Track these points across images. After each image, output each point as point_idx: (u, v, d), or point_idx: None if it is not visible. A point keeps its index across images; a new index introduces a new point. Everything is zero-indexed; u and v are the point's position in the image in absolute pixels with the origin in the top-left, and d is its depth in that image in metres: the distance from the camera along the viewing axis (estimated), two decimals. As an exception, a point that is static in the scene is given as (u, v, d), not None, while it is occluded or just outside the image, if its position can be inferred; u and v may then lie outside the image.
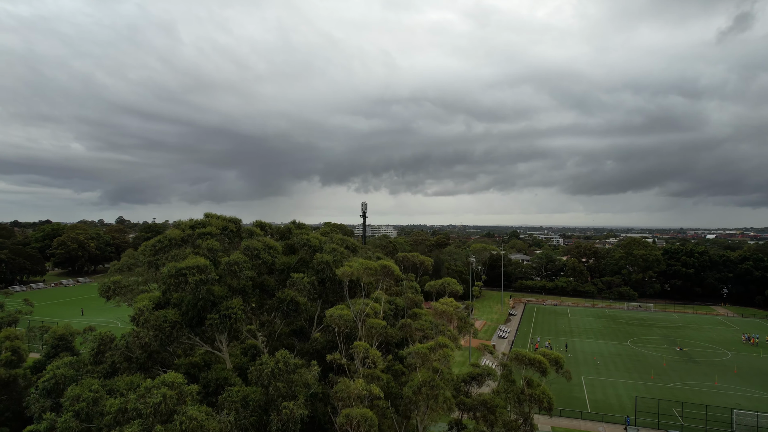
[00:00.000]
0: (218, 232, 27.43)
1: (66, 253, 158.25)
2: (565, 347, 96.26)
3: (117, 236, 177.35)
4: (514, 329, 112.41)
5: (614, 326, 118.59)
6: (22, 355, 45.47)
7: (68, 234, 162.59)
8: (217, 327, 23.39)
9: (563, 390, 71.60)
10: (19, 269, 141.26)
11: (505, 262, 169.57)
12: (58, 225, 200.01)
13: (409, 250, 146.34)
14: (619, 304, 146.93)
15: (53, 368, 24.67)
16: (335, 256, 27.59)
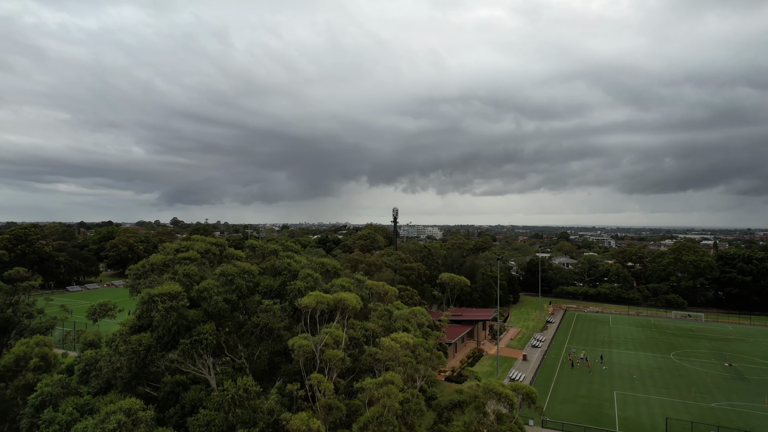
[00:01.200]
0: (198, 257, 28.09)
1: (117, 255, 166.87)
2: (600, 359, 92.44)
3: (165, 239, 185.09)
4: (549, 338, 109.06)
5: (658, 337, 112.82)
6: (50, 361, 48.23)
7: (120, 237, 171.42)
8: (188, 351, 23.98)
9: (592, 405, 68.84)
10: (76, 271, 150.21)
11: (545, 266, 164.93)
12: (113, 228, 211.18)
13: (444, 255, 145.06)
14: (665, 312, 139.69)
15: (42, 386, 25.97)
16: (308, 283, 27.58)
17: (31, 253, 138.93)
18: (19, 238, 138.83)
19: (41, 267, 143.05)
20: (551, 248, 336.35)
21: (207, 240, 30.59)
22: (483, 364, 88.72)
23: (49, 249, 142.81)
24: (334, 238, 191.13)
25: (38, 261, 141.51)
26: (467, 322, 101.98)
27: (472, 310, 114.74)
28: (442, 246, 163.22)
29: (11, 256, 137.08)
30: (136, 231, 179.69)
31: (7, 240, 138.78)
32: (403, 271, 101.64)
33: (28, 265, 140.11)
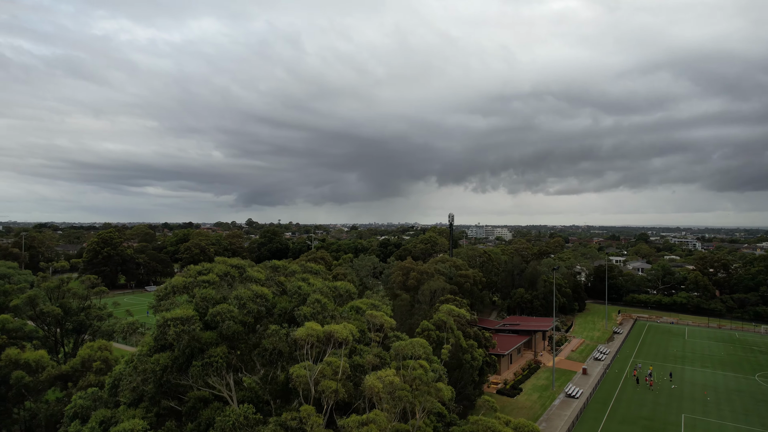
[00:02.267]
0: (217, 280, 29.11)
1: (190, 257, 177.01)
2: (669, 376, 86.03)
3: (234, 242, 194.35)
4: (615, 350, 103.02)
5: (741, 354, 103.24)
6: (110, 364, 52.06)
7: (193, 240, 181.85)
8: (199, 373, 24.95)
9: (655, 428, 64.19)
10: (154, 272, 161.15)
11: (615, 272, 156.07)
12: (188, 231, 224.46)
13: (504, 261, 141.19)
14: (753, 327, 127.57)
15: (76, 398, 27.98)
16: (315, 309, 27.63)
17: (115, 255, 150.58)
18: (105, 241, 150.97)
19: (124, 268, 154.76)
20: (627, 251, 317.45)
21: (228, 262, 31.63)
22: (539, 377, 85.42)
23: (130, 252, 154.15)
24: (396, 242, 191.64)
25: (121, 262, 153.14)
26: (524, 332, 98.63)
27: (531, 319, 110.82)
28: (503, 251, 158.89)
29: (99, 258, 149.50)
30: (207, 234, 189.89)
31: (95, 243, 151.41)
32: (457, 278, 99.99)
33: (113, 266, 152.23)
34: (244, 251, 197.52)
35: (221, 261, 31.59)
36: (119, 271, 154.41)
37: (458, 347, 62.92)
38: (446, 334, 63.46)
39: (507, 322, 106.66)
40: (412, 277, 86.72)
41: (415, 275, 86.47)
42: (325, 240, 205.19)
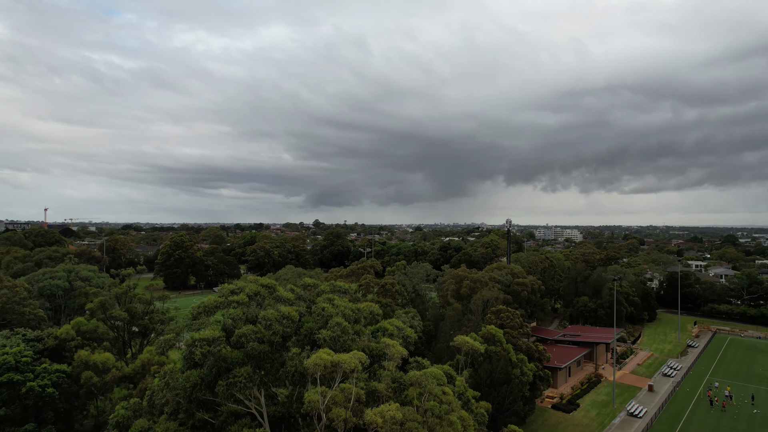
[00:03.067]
0: (246, 300, 30.07)
1: (256, 260, 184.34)
2: (751, 399, 78.94)
3: (297, 245, 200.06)
4: (688, 366, 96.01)
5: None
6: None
7: (259, 243, 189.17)
8: (224, 392, 25.93)
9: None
10: (221, 273, 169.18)
11: (691, 279, 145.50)
12: (254, 234, 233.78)
13: (567, 268, 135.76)
14: None
15: (119, 408, 29.92)
16: (335, 332, 27.69)
17: (186, 258, 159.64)
18: (177, 244, 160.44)
19: (194, 270, 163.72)
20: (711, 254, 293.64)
21: (259, 281, 32.61)
22: (599, 392, 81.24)
23: (199, 254, 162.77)
24: (457, 245, 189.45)
25: (191, 264, 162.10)
26: (585, 344, 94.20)
27: (594, 329, 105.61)
28: (567, 257, 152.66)
29: (171, 260, 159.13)
30: (272, 237, 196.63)
31: (168, 246, 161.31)
32: (513, 286, 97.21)
33: (184, 267, 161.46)
34: (307, 254, 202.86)
35: (252, 280, 32.65)
36: (190, 273, 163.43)
37: (507, 361, 61.14)
38: (494, 348, 61.92)
39: (567, 332, 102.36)
40: (464, 285, 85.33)
41: (468, 284, 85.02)
42: (386, 243, 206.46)
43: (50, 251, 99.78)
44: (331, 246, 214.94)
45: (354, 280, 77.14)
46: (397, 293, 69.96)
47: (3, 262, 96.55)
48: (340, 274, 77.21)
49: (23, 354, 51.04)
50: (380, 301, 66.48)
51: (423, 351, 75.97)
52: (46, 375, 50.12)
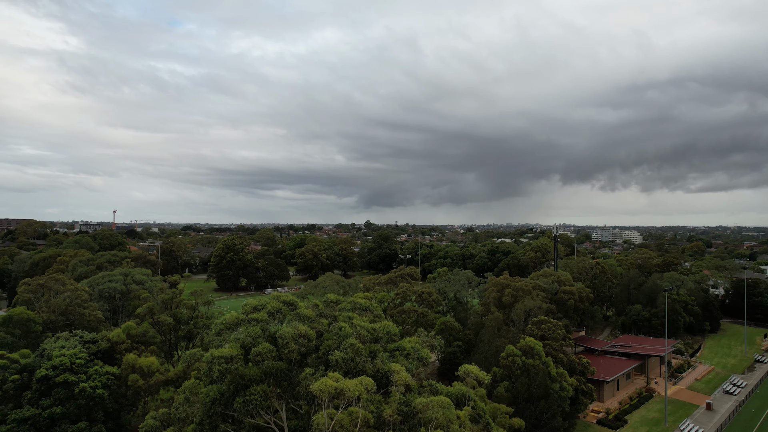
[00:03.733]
0: (266, 317, 30.79)
1: (304, 262, 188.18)
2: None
3: (345, 247, 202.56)
4: (754, 383, 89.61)
5: None
6: (210, 372, 57.70)
7: (308, 246, 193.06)
8: (241, 409, 26.70)
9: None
10: (271, 276, 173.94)
11: (761, 288, 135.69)
12: (305, 236, 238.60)
13: (620, 274, 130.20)
14: None
15: (149, 418, 31.41)
16: (347, 354, 27.70)
17: (237, 261, 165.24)
18: (229, 247, 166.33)
19: (244, 272, 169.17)
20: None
21: (281, 298, 33.28)
22: (650, 409, 77.31)
23: (250, 257, 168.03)
24: (505, 249, 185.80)
25: (242, 267, 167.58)
26: (636, 356, 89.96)
27: (647, 340, 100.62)
28: (620, 263, 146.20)
29: (223, 263, 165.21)
30: (321, 240, 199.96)
31: (221, 249, 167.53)
32: (560, 294, 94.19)
33: (235, 270, 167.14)
34: (355, 256, 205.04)
35: (275, 297, 33.39)
36: (241, 275, 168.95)
37: (546, 375, 59.30)
38: (532, 361, 60.23)
39: (617, 343, 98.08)
40: (507, 293, 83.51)
41: (510, 292, 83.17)
42: (433, 246, 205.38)
43: (110, 255, 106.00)
44: (378, 249, 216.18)
45: (392, 288, 77.27)
46: (434, 302, 69.47)
47: (70, 265, 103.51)
48: (378, 282, 77.52)
49: (78, 356, 54.53)
50: (416, 310, 66.24)
51: (462, 359, 75.10)
52: (97, 377, 53.36)
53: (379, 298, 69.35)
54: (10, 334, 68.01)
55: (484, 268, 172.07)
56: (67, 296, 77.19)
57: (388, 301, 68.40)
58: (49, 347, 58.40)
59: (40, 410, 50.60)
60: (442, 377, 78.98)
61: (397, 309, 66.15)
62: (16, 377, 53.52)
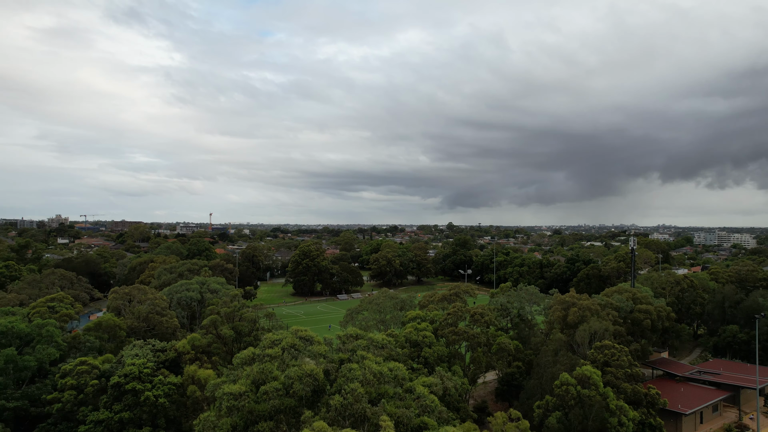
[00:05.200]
0: (279, 353, 31.60)
1: (378, 268, 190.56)
2: None
3: (419, 254, 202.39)
4: None
5: None
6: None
7: (382, 252, 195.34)
8: (248, 446, 27.72)
9: None
10: (345, 281, 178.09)
11: None
12: (381, 241, 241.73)
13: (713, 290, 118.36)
14: None
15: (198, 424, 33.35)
16: (347, 400, 27.41)
17: (313, 266, 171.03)
18: (305, 254, 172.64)
19: (319, 277, 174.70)
20: None
21: (299, 333, 34.00)
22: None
23: (325, 263, 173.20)
24: (586, 257, 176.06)
25: (317, 272, 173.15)
26: (727, 386, 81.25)
27: (742, 366, 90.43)
28: (716, 276, 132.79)
29: (299, 268, 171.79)
30: (395, 246, 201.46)
31: (297, 255, 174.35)
32: (635, 313, 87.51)
33: (311, 275, 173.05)
34: (429, 263, 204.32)
35: (293, 331, 34.22)
36: (316, 280, 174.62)
37: (603, 407, 55.31)
38: (588, 391, 56.44)
39: (704, 368, 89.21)
40: (572, 313, 79.00)
41: (575, 311, 78.61)
42: (509, 254, 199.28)
43: (190, 264, 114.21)
44: (453, 255, 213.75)
45: (447, 305, 76.07)
46: (487, 323, 67.38)
47: (156, 272, 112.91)
48: (433, 299, 76.67)
49: (145, 366, 59.31)
50: (467, 331, 64.73)
51: (520, 381, 72.24)
52: (160, 386, 57.70)
53: (431, 317, 68.54)
54: (99, 339, 75.51)
55: (562, 278, 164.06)
56: (148, 304, 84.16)
57: (440, 320, 67.43)
58: (126, 354, 64.17)
59: (112, 414, 55.77)
60: (500, 397, 76.54)
61: (448, 330, 65.00)
62: (95, 382, 59.36)
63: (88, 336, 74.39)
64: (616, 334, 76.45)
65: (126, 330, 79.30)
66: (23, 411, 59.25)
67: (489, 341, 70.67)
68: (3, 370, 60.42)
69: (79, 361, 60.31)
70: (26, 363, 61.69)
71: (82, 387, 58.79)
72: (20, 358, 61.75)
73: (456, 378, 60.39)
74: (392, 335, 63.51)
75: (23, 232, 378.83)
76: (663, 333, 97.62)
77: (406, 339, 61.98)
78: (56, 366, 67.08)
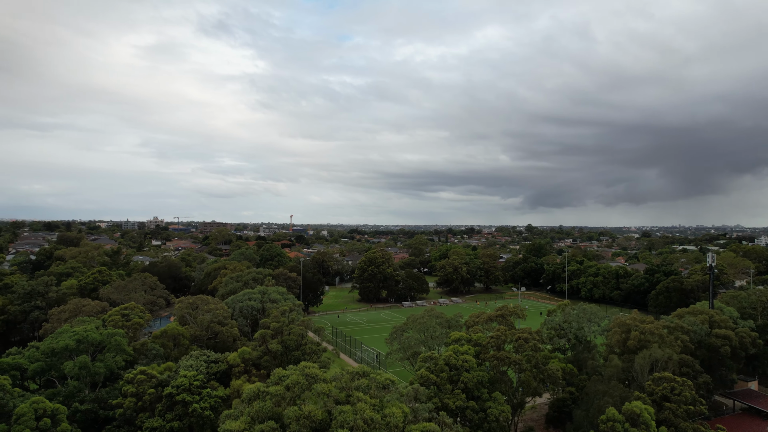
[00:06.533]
0: (282, 391, 32.19)
1: (444, 275, 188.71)
2: None
3: (487, 261, 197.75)
4: None
5: None
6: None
7: (449, 259, 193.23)
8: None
9: None
10: (410, 288, 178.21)
11: None
12: (449, 247, 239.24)
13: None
14: None
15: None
16: None
17: (378, 273, 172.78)
18: (371, 261, 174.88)
19: (385, 284, 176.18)
20: None
21: (305, 371, 34.38)
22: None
23: (390, 270, 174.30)
24: (667, 268, 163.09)
25: (383, 279, 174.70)
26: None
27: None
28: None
29: (365, 275, 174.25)
30: (462, 253, 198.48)
31: (363, 262, 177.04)
32: (712, 339, 79.77)
33: (376, 282, 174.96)
34: (497, 270, 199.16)
35: (301, 368, 34.74)
36: (381, 287, 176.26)
37: (655, 450, 50.85)
38: (637, 430, 52.13)
39: (795, 403, 79.46)
40: (632, 337, 73.65)
41: (636, 335, 73.17)
42: (583, 262, 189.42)
43: (255, 273, 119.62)
44: (523, 263, 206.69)
45: (491, 327, 73.63)
46: (533, 348, 64.30)
47: (224, 280, 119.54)
48: (479, 320, 74.65)
49: (195, 378, 63.07)
50: (509, 356, 62.40)
51: (570, 407, 68.44)
52: (207, 398, 61.12)
53: (475, 339, 66.72)
54: (164, 346, 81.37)
55: (639, 290, 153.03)
56: (210, 314, 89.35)
57: (483, 343, 65.52)
58: (182, 365, 68.61)
59: (165, 422, 59.94)
60: (550, 423, 73.04)
61: (490, 354, 62.99)
62: (152, 391, 64.04)
63: (155, 344, 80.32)
64: (684, 363, 70.30)
65: (189, 338, 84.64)
66: (93, 413, 65.17)
67: (538, 364, 67.65)
68: (78, 376, 66.76)
69: (140, 371, 65.29)
70: (97, 369, 67.84)
71: (141, 395, 63.70)
72: (92, 365, 68.02)
73: (495, 406, 58.61)
74: (431, 358, 62.83)
75: (125, 233, 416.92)
76: (751, 360, 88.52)
77: (445, 362, 60.96)
78: (126, 370, 73.46)
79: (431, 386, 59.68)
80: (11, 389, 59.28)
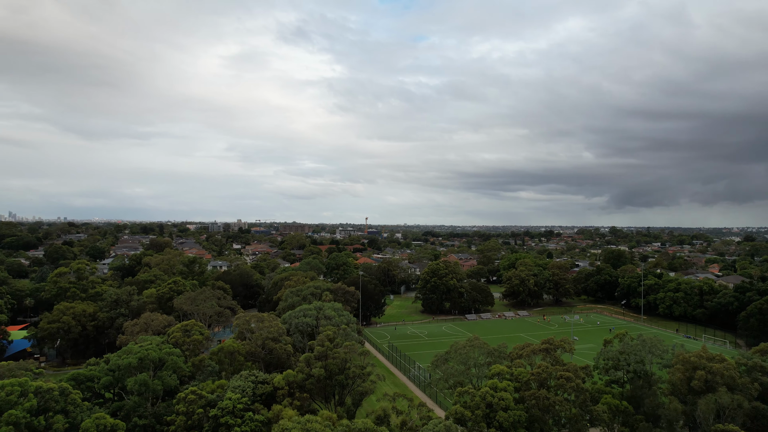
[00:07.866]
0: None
1: (510, 287, 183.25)
2: None
3: (557, 273, 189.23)
4: None
5: None
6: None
7: (515, 270, 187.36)
8: None
9: None
10: (474, 300, 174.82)
11: None
12: (519, 256, 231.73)
13: None
14: None
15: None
16: None
17: (441, 285, 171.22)
18: (434, 272, 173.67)
19: (447, 296, 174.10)
20: None
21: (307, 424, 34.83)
22: None
23: (453, 282, 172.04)
24: (763, 286, 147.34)
25: (446, 291, 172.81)
26: None
27: None
28: None
29: (428, 286, 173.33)
30: (530, 264, 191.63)
31: (426, 273, 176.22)
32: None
33: (439, 294, 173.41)
34: (568, 283, 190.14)
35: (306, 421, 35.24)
36: (444, 299, 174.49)
37: None
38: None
39: None
40: (698, 377, 67.33)
41: (702, 375, 66.84)
42: (662, 276, 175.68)
43: (313, 288, 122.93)
44: (596, 275, 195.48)
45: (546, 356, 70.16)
46: (574, 389, 60.56)
47: (284, 295, 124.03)
48: (526, 351, 71.65)
49: (239, 401, 66.07)
50: (549, 397, 59.36)
51: (625, 453, 63.95)
52: (249, 422, 63.82)
53: (516, 374, 64.12)
54: (219, 363, 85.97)
55: (726, 309, 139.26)
56: (264, 331, 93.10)
57: (524, 379, 62.88)
58: (230, 385, 72.12)
59: (211, 442, 63.49)
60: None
61: (529, 393, 60.31)
62: (200, 411, 67.96)
63: (212, 360, 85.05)
64: (758, 414, 63.30)
65: (244, 354, 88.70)
66: (151, 428, 70.36)
67: (586, 403, 63.94)
68: (139, 391, 72.25)
69: (191, 390, 69.41)
70: (155, 386, 73.06)
71: (191, 414, 67.79)
72: (152, 382, 73.35)
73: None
74: (468, 392, 61.53)
75: (210, 237, 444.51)
76: None
77: (481, 398, 59.39)
78: (183, 386, 78.54)
79: (467, 422, 58.39)
80: (81, 403, 65.34)
